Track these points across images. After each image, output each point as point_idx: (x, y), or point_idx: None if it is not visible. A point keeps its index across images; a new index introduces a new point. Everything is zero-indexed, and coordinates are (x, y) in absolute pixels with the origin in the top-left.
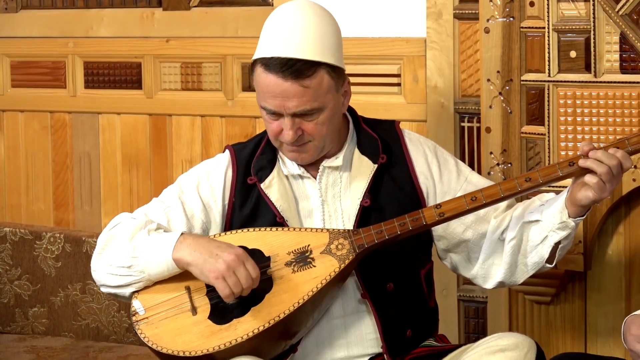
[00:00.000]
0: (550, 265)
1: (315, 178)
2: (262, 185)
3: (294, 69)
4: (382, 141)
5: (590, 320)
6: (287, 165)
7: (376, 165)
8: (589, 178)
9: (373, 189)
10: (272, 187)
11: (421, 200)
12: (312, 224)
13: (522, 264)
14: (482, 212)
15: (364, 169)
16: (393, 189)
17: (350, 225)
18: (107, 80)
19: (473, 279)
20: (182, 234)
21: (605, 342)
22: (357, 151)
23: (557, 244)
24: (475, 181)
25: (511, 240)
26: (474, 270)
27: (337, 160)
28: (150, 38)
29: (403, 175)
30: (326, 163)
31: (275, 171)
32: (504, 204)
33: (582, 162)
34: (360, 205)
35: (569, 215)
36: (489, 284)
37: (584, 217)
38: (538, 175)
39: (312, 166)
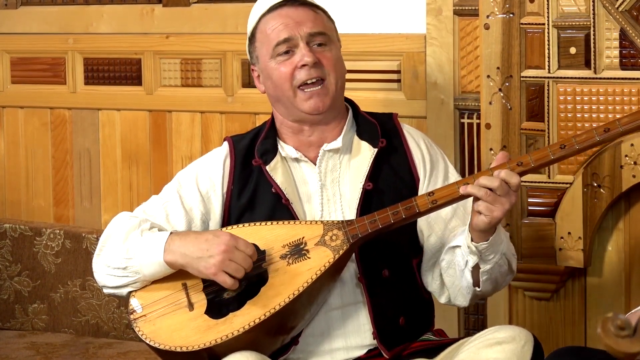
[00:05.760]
0: (480, 289)
1: (313, 163)
2: (268, 168)
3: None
4: (381, 126)
5: (590, 316)
6: (284, 149)
7: (376, 149)
8: (476, 204)
9: (374, 174)
10: (277, 170)
11: (418, 190)
12: (311, 208)
13: (459, 287)
14: (451, 224)
15: (364, 153)
16: (392, 176)
17: (349, 209)
18: (107, 77)
19: (432, 292)
20: (170, 234)
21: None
22: (356, 137)
23: (478, 268)
24: None
25: (442, 261)
26: (432, 283)
27: (337, 142)
28: (150, 34)
29: (402, 164)
30: (326, 147)
31: (278, 155)
32: None
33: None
34: (362, 188)
35: (472, 239)
36: (442, 299)
37: (489, 242)
38: (530, 159)
39: (310, 150)
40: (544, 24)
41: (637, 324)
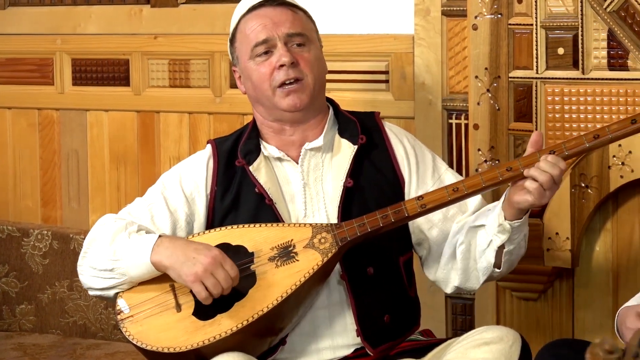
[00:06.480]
0: (499, 270)
1: (296, 162)
2: (251, 168)
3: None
4: (360, 124)
5: (578, 316)
6: (267, 149)
7: (356, 146)
8: (529, 183)
9: (354, 171)
10: (261, 170)
11: (402, 186)
12: (295, 208)
13: (474, 269)
14: (450, 213)
15: (345, 151)
16: (374, 173)
17: (332, 208)
18: (95, 77)
19: (435, 282)
20: (159, 236)
21: (593, 339)
22: (337, 135)
23: (502, 248)
24: (447, 181)
25: (460, 244)
26: (437, 273)
27: (319, 141)
28: (138, 35)
29: (384, 160)
30: (308, 146)
31: (261, 155)
32: (471, 208)
33: (526, 172)
34: (343, 186)
35: (505, 217)
36: (448, 289)
37: (522, 220)
38: (519, 164)
39: (292, 149)
40: (532, 25)
41: (626, 348)
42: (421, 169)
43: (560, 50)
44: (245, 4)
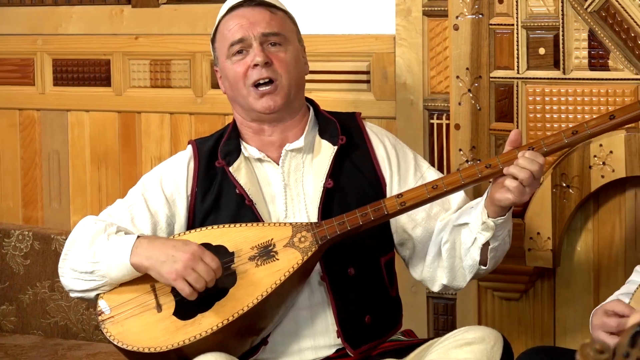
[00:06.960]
0: (485, 267)
1: (276, 163)
2: (231, 169)
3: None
4: (340, 124)
5: (559, 316)
6: (247, 149)
7: (336, 147)
8: (509, 182)
9: (334, 172)
10: (241, 171)
11: (382, 186)
12: (275, 209)
13: (460, 267)
14: (433, 211)
15: (325, 152)
16: (354, 173)
17: (313, 209)
18: (76, 78)
19: (422, 281)
20: (138, 237)
21: (574, 338)
22: (317, 136)
23: (487, 245)
24: (429, 178)
25: (445, 243)
26: (423, 272)
27: (299, 142)
28: (119, 35)
29: (364, 160)
30: (288, 147)
31: (242, 156)
32: (455, 206)
33: (505, 170)
34: (323, 187)
35: (488, 215)
36: (435, 287)
37: (505, 217)
38: (498, 161)
39: (272, 150)
40: (513, 25)
41: (615, 347)
42: (402, 169)
43: (541, 51)
44: (226, 5)
